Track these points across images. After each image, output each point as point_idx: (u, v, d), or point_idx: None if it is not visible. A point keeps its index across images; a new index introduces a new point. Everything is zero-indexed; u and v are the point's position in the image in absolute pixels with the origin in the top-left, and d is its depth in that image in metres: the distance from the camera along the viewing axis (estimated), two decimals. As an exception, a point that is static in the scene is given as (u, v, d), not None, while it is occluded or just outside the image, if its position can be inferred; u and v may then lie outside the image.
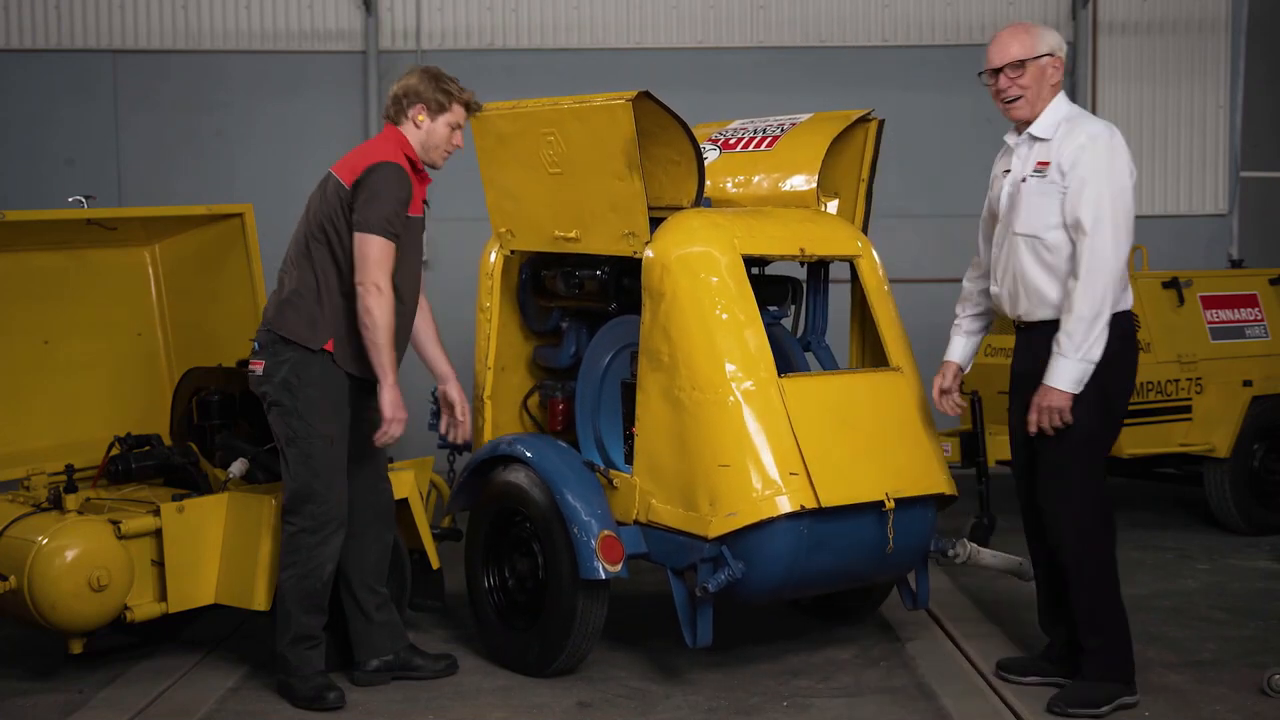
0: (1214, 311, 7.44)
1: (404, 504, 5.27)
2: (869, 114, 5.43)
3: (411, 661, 5.04)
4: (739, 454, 4.58)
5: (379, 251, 4.62)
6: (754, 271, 5.19)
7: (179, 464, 5.47)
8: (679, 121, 4.95)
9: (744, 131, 5.77)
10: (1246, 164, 9.56)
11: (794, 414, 4.64)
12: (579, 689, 4.93)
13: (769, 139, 5.60)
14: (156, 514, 4.95)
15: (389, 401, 4.66)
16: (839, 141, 5.41)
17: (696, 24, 9.52)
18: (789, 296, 5.46)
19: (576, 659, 5.01)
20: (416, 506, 5.38)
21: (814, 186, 5.39)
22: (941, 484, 4.91)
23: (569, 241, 5.14)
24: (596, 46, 9.46)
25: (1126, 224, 4.47)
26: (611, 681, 5.02)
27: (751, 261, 5.06)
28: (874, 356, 5.24)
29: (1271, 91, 9.78)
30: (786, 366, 5.18)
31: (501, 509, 5.19)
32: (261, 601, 4.89)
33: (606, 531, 4.79)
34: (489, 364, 5.54)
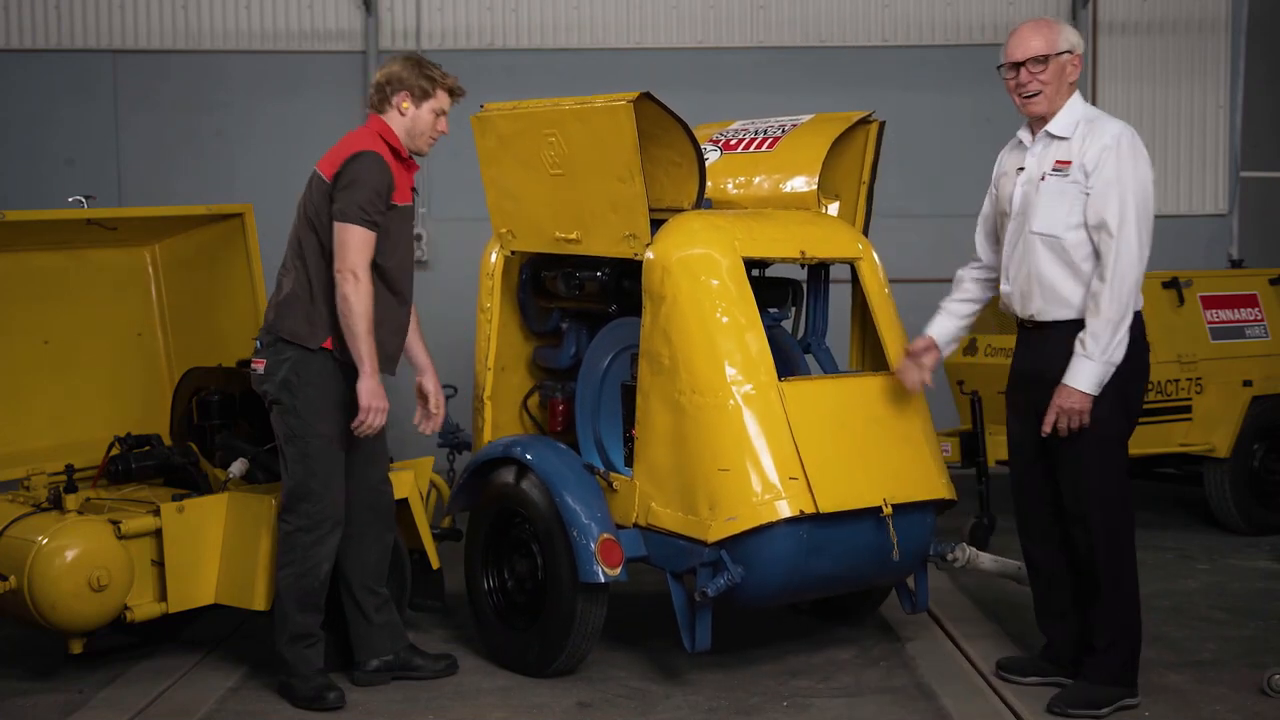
0: (1214, 311, 7.43)
1: (404, 504, 5.27)
2: (870, 116, 5.42)
3: (411, 661, 5.04)
4: (739, 458, 4.58)
5: (356, 239, 4.60)
6: (754, 274, 5.18)
7: (179, 464, 5.48)
8: (680, 123, 4.95)
9: (745, 132, 5.77)
10: (1246, 164, 9.54)
11: (794, 418, 4.64)
12: (579, 689, 4.94)
13: (770, 140, 5.59)
14: (156, 514, 4.96)
15: (366, 390, 4.63)
16: (840, 143, 5.41)
17: (696, 24, 9.51)
18: (789, 299, 5.46)
19: (576, 660, 5.01)
20: (416, 506, 5.38)
21: (815, 188, 5.39)
22: (940, 489, 4.91)
23: (569, 243, 5.14)
24: (596, 46, 9.45)
25: (1149, 226, 4.47)
26: (611, 681, 5.02)
27: (752, 264, 5.06)
28: (874, 359, 5.24)
29: (1271, 91, 9.77)
30: (787, 369, 5.18)
31: (501, 510, 5.19)
32: (261, 601, 4.89)
33: (606, 535, 4.79)
34: (489, 364, 5.54)
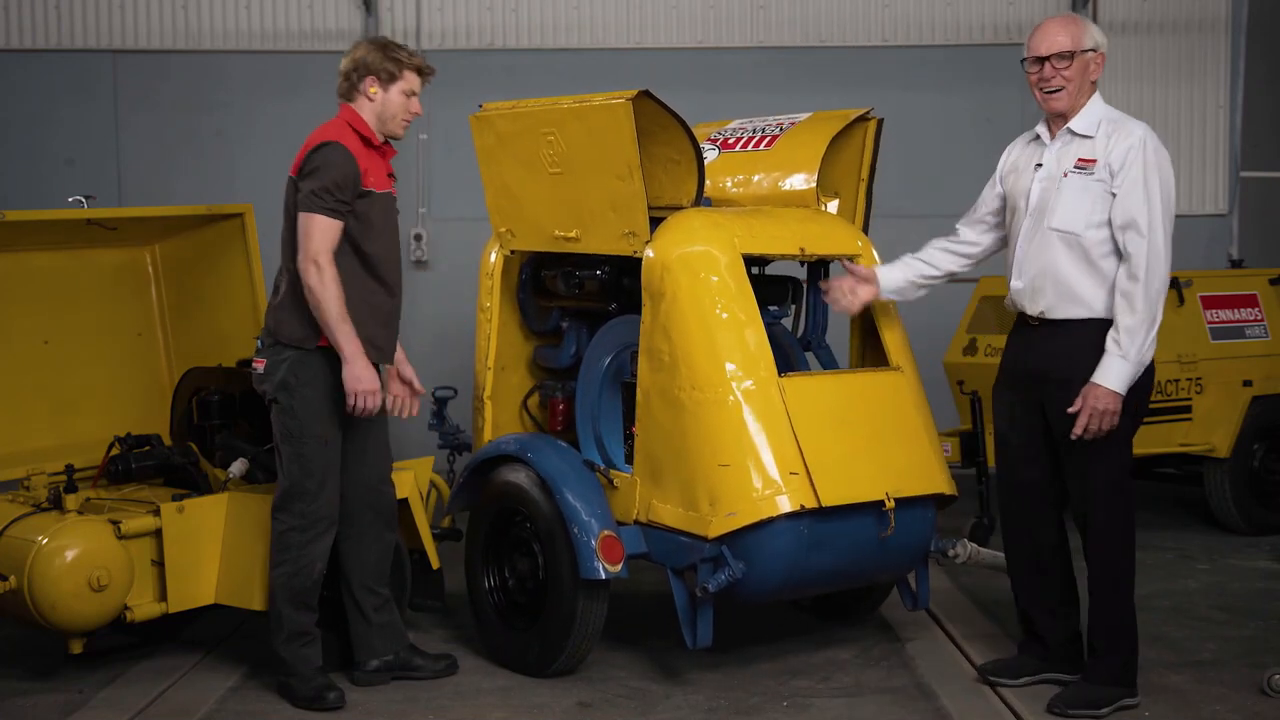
0: (1214, 311, 7.43)
1: (404, 504, 5.27)
2: (868, 113, 5.42)
3: (411, 661, 5.04)
4: (739, 454, 4.58)
5: (316, 227, 4.59)
6: (754, 271, 5.19)
7: (179, 464, 5.48)
8: (679, 121, 4.95)
9: (743, 131, 5.77)
10: (1246, 164, 9.53)
11: (794, 413, 4.64)
12: (579, 689, 4.93)
13: (768, 138, 5.60)
14: (156, 514, 4.96)
15: (350, 376, 4.61)
16: (838, 141, 5.41)
17: (696, 24, 9.51)
18: (789, 296, 5.46)
19: (577, 659, 5.01)
20: (416, 506, 5.38)
21: (814, 186, 5.39)
22: (941, 484, 4.91)
23: (569, 241, 5.14)
24: (596, 46, 9.44)
25: (1171, 227, 4.51)
26: (611, 681, 5.02)
27: (752, 261, 5.06)
28: (874, 356, 5.24)
29: (1271, 91, 9.76)
30: (787, 366, 5.17)
31: (502, 509, 5.19)
32: (261, 601, 4.89)
33: (607, 531, 4.79)
34: (489, 364, 5.54)
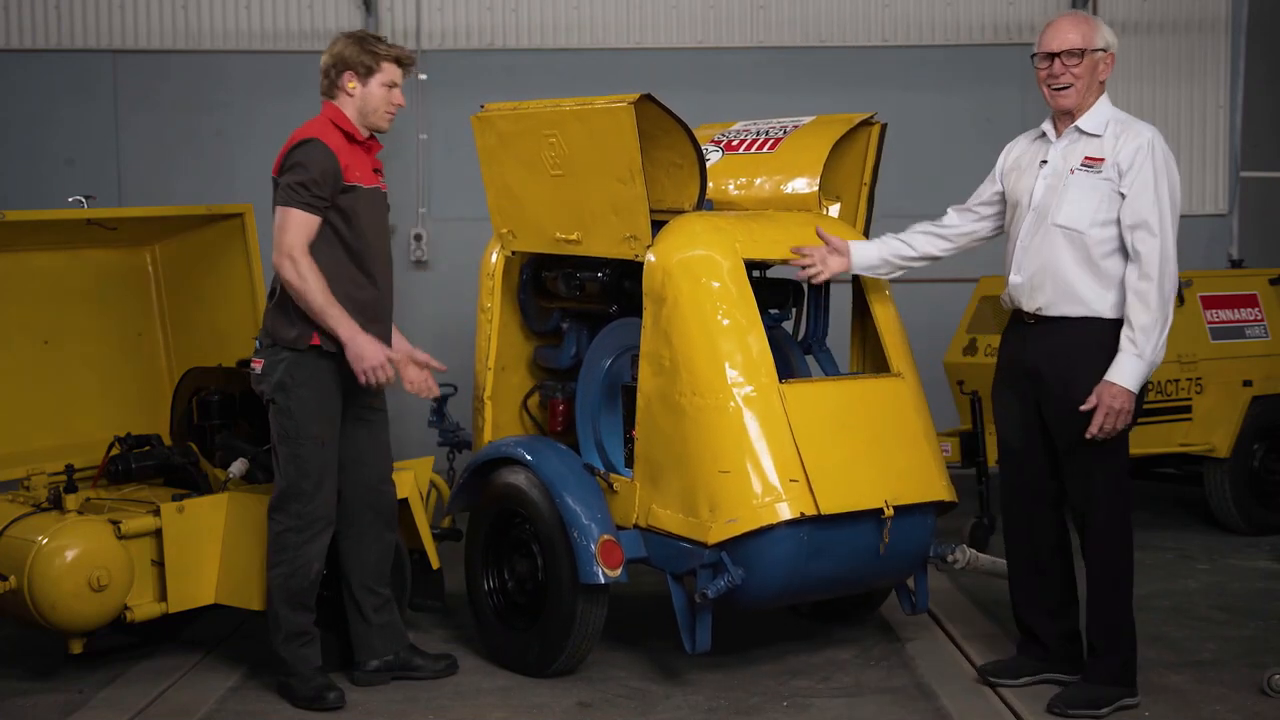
0: (1214, 311, 7.43)
1: (404, 504, 5.27)
2: (871, 118, 5.42)
3: (411, 661, 5.04)
4: (739, 460, 4.58)
5: (292, 222, 4.59)
6: (755, 275, 5.18)
7: (179, 464, 5.48)
8: (681, 124, 4.95)
9: (746, 133, 5.77)
10: (1246, 164, 9.53)
11: (794, 420, 4.64)
12: (579, 689, 4.94)
13: (771, 141, 5.59)
14: (156, 514, 4.96)
15: (352, 355, 4.62)
16: (841, 144, 5.40)
17: (696, 24, 9.50)
18: (790, 300, 5.45)
19: (576, 660, 5.01)
20: (416, 506, 5.38)
21: (816, 190, 5.39)
22: (941, 491, 4.91)
23: (570, 243, 5.14)
24: (596, 46, 9.43)
25: (1178, 227, 4.56)
26: (611, 681, 5.02)
27: (753, 265, 5.06)
28: (875, 361, 5.23)
29: (1271, 91, 9.75)
30: (787, 371, 5.18)
31: (501, 510, 5.19)
32: (261, 601, 4.89)
33: (606, 536, 4.79)
34: (489, 364, 5.54)
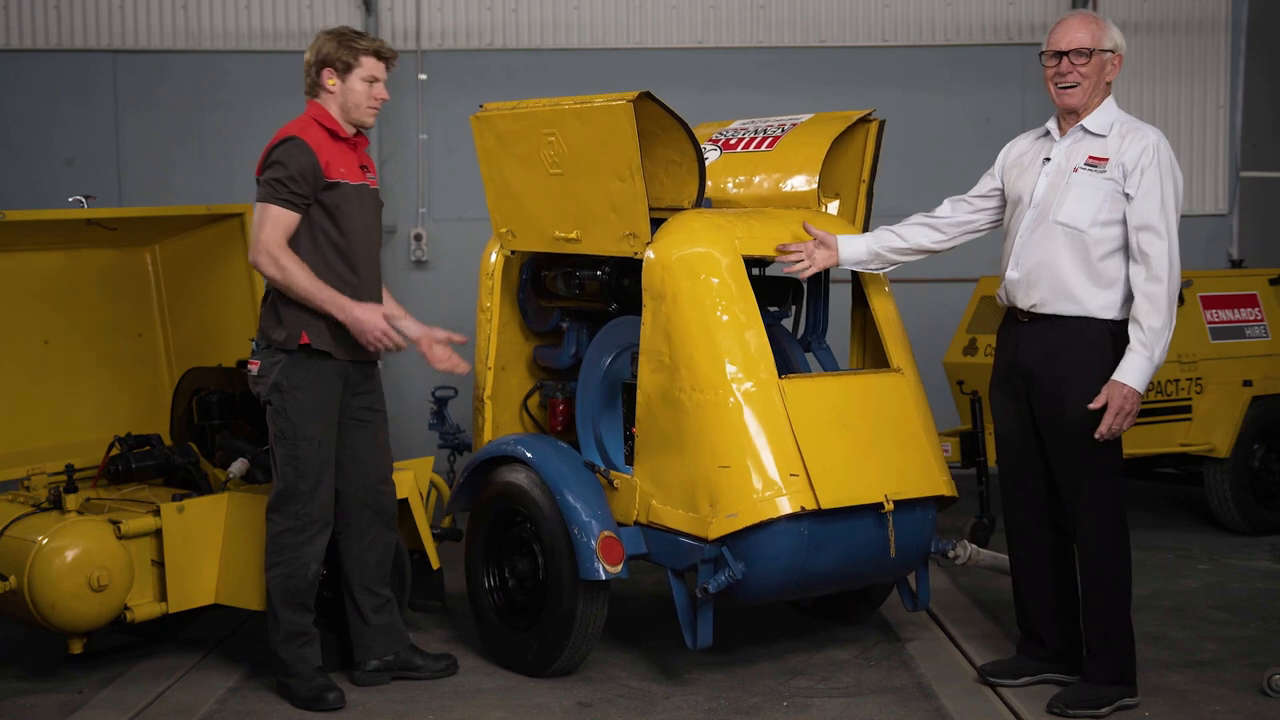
0: (1214, 311, 7.43)
1: (404, 504, 5.27)
2: (870, 114, 5.42)
3: (411, 661, 5.04)
4: (739, 455, 4.58)
5: (269, 218, 4.62)
6: (754, 272, 5.19)
7: (179, 464, 5.49)
8: (680, 122, 4.95)
9: (745, 132, 5.77)
10: (1246, 164, 9.53)
11: (794, 415, 4.64)
12: (579, 689, 4.94)
13: (770, 139, 5.59)
14: (156, 514, 4.96)
15: (354, 331, 4.63)
16: (840, 142, 5.40)
17: (696, 24, 9.50)
18: (789, 297, 5.46)
19: (576, 659, 5.01)
20: (416, 506, 5.38)
21: (815, 187, 5.39)
22: (941, 485, 4.91)
23: (569, 242, 5.14)
24: (596, 46, 9.43)
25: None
26: (611, 681, 5.02)
27: (752, 262, 5.07)
28: (874, 357, 5.23)
29: (1271, 91, 9.76)
30: (787, 367, 5.18)
31: (502, 509, 5.19)
32: (261, 601, 4.88)
33: (607, 532, 4.79)
34: (489, 364, 5.54)
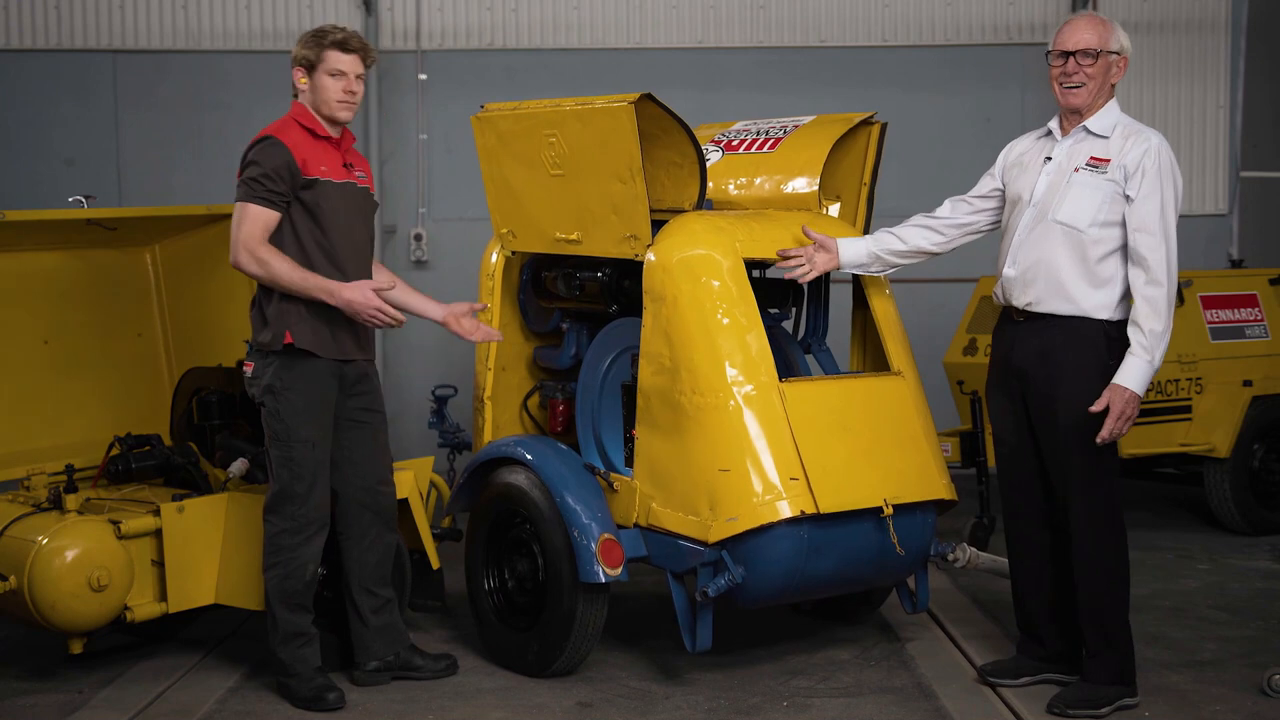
0: (1214, 311, 7.43)
1: (404, 504, 5.27)
2: (871, 117, 5.42)
3: (412, 662, 5.04)
4: (739, 458, 4.58)
5: (247, 216, 4.67)
6: (755, 274, 5.19)
7: (179, 464, 5.49)
8: (681, 124, 4.95)
9: (746, 133, 5.77)
10: (1246, 164, 9.53)
11: (794, 419, 4.64)
12: (579, 689, 4.94)
13: (771, 141, 5.59)
14: (156, 514, 4.96)
15: (348, 312, 4.63)
16: (841, 144, 5.40)
17: (696, 24, 9.49)
18: (790, 299, 5.46)
19: (576, 660, 5.01)
20: (416, 507, 5.38)
21: (816, 189, 5.39)
22: (941, 489, 4.91)
23: (570, 243, 5.14)
24: (596, 46, 9.43)
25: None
26: (611, 681, 5.02)
27: (753, 264, 5.07)
28: (875, 360, 5.23)
29: (1271, 91, 9.75)
30: (787, 370, 5.18)
31: (501, 510, 5.19)
32: (261, 601, 4.88)
33: (606, 535, 4.79)
34: (489, 364, 5.54)
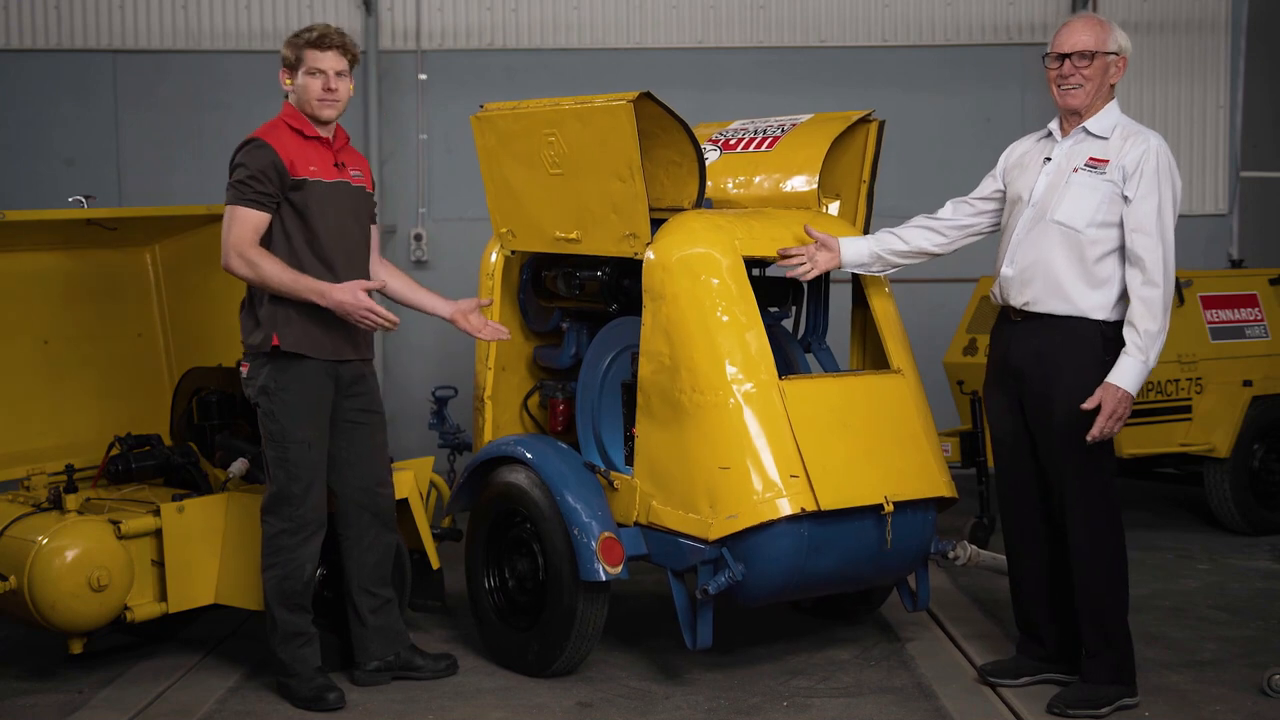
0: (1214, 311, 7.43)
1: (404, 504, 5.27)
2: (870, 115, 5.42)
3: (412, 661, 5.04)
4: (739, 456, 4.58)
5: (236, 219, 4.70)
6: (755, 273, 5.19)
7: (179, 464, 5.48)
8: (680, 123, 4.95)
9: (745, 132, 5.77)
10: (1246, 164, 9.53)
11: (794, 416, 4.64)
12: (579, 689, 4.94)
13: (770, 140, 5.59)
14: (156, 514, 4.96)
15: (339, 311, 4.62)
16: (840, 142, 5.40)
17: (696, 24, 9.50)
18: (789, 298, 5.46)
19: (576, 660, 5.01)
20: (416, 507, 5.38)
21: (815, 187, 5.39)
22: (941, 487, 4.91)
23: (570, 242, 5.14)
24: (596, 46, 9.43)
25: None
26: (611, 681, 5.02)
27: (752, 263, 5.07)
28: (874, 358, 5.23)
29: (1271, 91, 9.76)
30: (787, 368, 5.18)
31: (502, 509, 5.19)
32: (261, 601, 4.88)
33: (607, 533, 4.79)
34: (489, 364, 5.54)
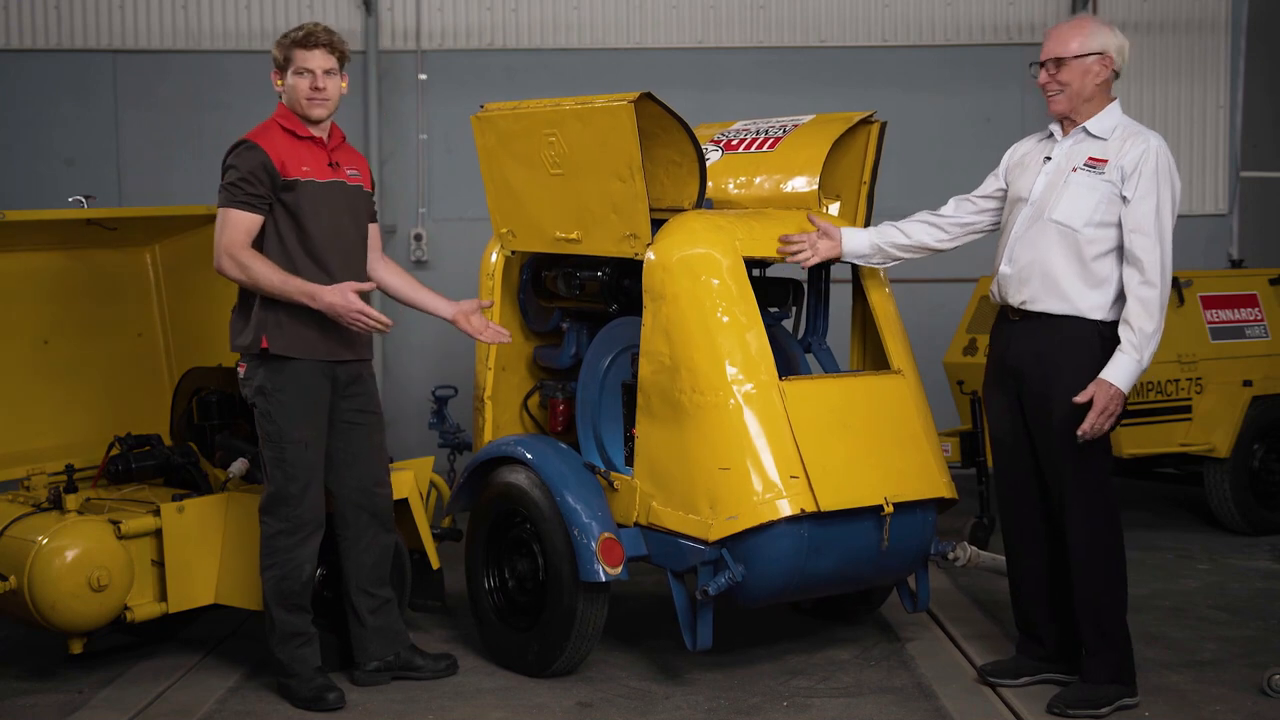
0: (1214, 311, 7.43)
1: (404, 504, 5.27)
2: (871, 116, 5.42)
3: (412, 661, 5.04)
4: (739, 457, 4.58)
5: (228, 221, 4.69)
6: (755, 273, 5.19)
7: (179, 464, 5.48)
8: (681, 123, 4.95)
9: (746, 132, 5.77)
10: (1246, 164, 9.53)
11: (794, 417, 4.64)
12: (579, 689, 4.94)
13: (771, 140, 5.59)
14: (156, 514, 4.96)
15: (330, 316, 4.62)
16: (841, 143, 5.40)
17: (696, 24, 9.50)
18: (790, 298, 5.46)
19: (576, 660, 5.01)
20: (416, 506, 5.38)
21: (815, 188, 5.39)
22: (941, 488, 4.91)
23: (570, 242, 5.14)
24: (596, 46, 9.43)
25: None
26: (611, 681, 5.02)
27: (753, 263, 5.07)
28: (875, 359, 5.23)
29: (1271, 91, 9.76)
30: (787, 368, 5.18)
31: (502, 510, 5.19)
32: (261, 601, 4.88)
33: (607, 534, 4.79)
34: (489, 364, 5.54)
